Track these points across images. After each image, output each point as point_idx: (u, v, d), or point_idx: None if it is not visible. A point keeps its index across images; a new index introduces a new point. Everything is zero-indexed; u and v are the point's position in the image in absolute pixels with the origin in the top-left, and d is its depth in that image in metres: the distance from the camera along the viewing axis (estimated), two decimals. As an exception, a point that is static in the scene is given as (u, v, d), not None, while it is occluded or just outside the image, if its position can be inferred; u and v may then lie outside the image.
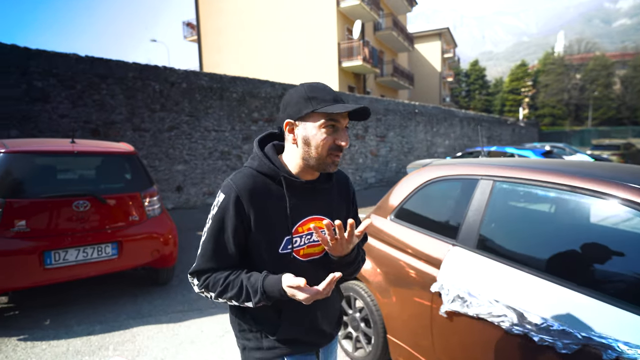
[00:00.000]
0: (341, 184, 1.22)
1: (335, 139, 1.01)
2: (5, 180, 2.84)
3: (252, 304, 1.00)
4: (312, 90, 1.02)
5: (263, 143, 1.15)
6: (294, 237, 1.06)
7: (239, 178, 1.05)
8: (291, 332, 1.10)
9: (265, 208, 1.04)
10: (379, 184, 12.79)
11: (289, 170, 1.08)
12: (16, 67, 5.67)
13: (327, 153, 1.02)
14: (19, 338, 2.78)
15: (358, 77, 19.23)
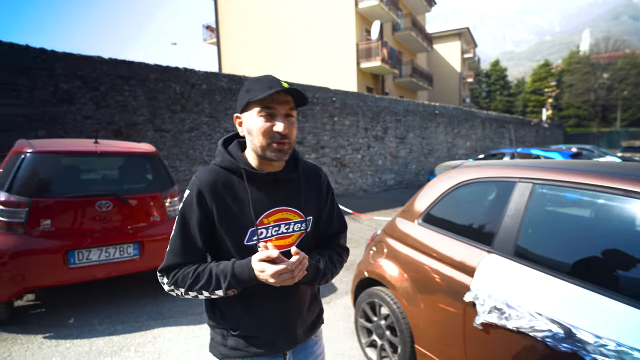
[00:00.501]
0: (311, 175, 1.21)
1: (272, 125, 1.01)
2: (32, 180, 2.87)
3: (222, 291, 1.00)
4: (252, 82, 1.05)
5: (229, 142, 1.17)
6: (258, 229, 1.06)
7: (202, 174, 1.07)
8: (255, 330, 1.08)
9: (227, 201, 1.05)
10: (399, 185, 12.60)
11: (250, 164, 1.09)
12: (44, 69, 5.82)
13: (267, 141, 1.02)
14: (44, 336, 2.81)
15: (376, 78, 19.06)
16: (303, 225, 1.13)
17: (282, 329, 1.11)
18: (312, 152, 9.79)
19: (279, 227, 1.09)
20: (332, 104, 10.22)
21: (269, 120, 1.02)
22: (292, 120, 1.05)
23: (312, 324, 1.22)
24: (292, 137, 1.05)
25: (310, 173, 1.21)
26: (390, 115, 12.12)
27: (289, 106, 1.04)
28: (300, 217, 1.13)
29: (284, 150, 1.04)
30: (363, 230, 6.54)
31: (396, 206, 9.10)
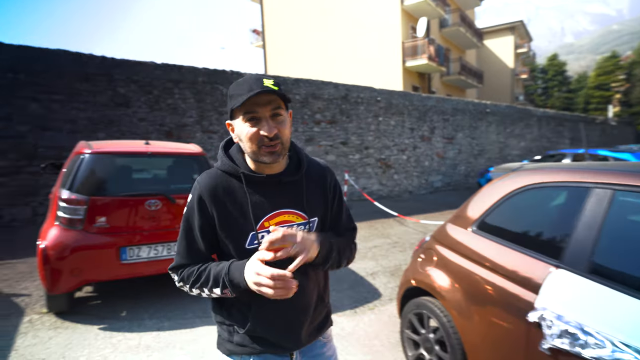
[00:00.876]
0: (316, 174, 1.17)
1: (258, 130, 0.99)
2: (90, 179, 3.03)
3: (218, 290, 1.01)
4: (233, 87, 1.02)
5: (231, 144, 1.16)
6: (259, 233, 1.05)
7: (203, 178, 1.08)
8: (259, 331, 1.08)
9: (227, 206, 1.05)
10: (446, 188, 12.10)
11: (250, 167, 1.08)
12: (104, 75, 6.22)
13: (257, 146, 1.00)
14: (99, 327, 2.95)
15: (422, 77, 18.47)
16: (306, 228, 1.11)
17: (287, 330, 1.10)
18: (355, 152, 9.65)
19: None
20: (376, 104, 10.02)
21: (255, 125, 1.00)
22: (281, 119, 1.01)
23: (319, 326, 1.19)
24: (283, 136, 1.02)
25: (315, 173, 1.17)
26: (438, 115, 11.66)
27: (272, 106, 1.00)
28: (303, 219, 1.11)
29: (276, 152, 1.01)
30: (409, 234, 6.31)
31: (443, 209, 8.72)
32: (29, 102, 5.69)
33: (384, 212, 7.59)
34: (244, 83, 1.00)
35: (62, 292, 2.91)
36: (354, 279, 4.24)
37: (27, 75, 5.66)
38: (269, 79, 1.01)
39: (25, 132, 5.67)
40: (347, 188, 8.93)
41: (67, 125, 5.94)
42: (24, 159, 5.66)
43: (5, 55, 5.53)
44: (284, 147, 1.03)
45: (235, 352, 1.10)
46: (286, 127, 1.03)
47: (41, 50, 5.76)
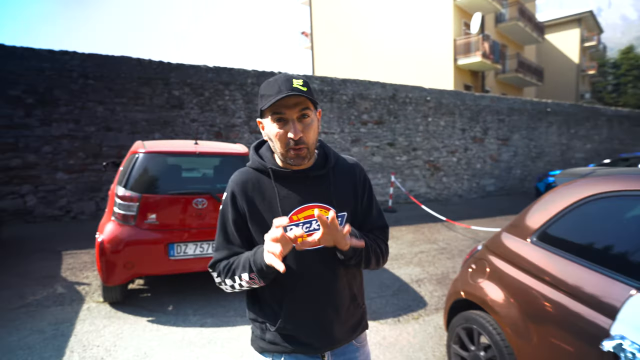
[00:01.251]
0: (345, 170, 1.18)
1: (286, 131, 1.00)
2: (142, 177, 3.18)
3: (246, 274, 1.02)
4: (264, 87, 1.03)
5: (263, 144, 1.20)
6: (288, 226, 1.06)
7: (235, 176, 1.13)
8: (290, 329, 1.08)
9: (257, 201, 1.08)
10: (499, 192, 11.39)
11: (278, 164, 1.11)
12: (161, 79, 6.57)
13: (285, 147, 1.02)
14: (148, 319, 3.08)
15: (476, 75, 17.58)
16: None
17: (318, 330, 1.09)
18: (403, 154, 9.39)
19: (310, 224, 1.09)
20: (426, 104, 9.66)
21: (282, 126, 1.01)
22: (308, 122, 1.02)
23: (352, 327, 1.17)
24: (308, 140, 1.03)
25: (344, 168, 1.19)
26: (492, 115, 11.00)
27: (299, 107, 1.00)
28: None
29: (301, 156, 1.03)
30: (458, 240, 5.99)
31: (496, 215, 8.19)
32: (96, 105, 6.16)
33: (431, 216, 7.29)
34: (274, 83, 1.01)
35: (116, 284, 3.08)
36: (398, 285, 4.08)
37: (96, 80, 6.14)
38: (298, 79, 1.02)
39: (92, 132, 6.15)
40: (393, 190, 8.69)
41: (127, 126, 6.35)
42: (90, 158, 6.14)
43: (77, 61, 6.03)
44: (309, 151, 1.05)
45: (267, 350, 1.12)
46: (312, 130, 1.04)
47: (107, 57, 6.21)
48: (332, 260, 1.08)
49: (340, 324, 1.12)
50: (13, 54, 5.69)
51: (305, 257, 1.06)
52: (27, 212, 5.83)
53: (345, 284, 1.13)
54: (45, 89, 5.83)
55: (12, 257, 4.40)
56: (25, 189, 5.81)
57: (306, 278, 1.07)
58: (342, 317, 1.12)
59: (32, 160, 5.82)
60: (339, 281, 1.10)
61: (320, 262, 1.08)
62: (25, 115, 5.75)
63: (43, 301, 3.33)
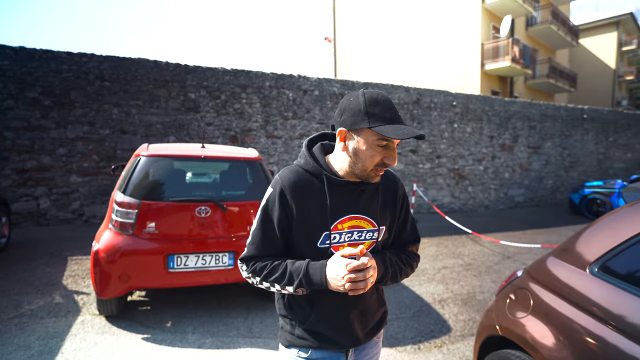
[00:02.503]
0: (390, 184, 1.21)
1: (384, 157, 1.03)
2: (142, 182, 2.96)
3: (292, 288, 1.05)
4: (372, 104, 1.02)
5: (313, 143, 1.19)
6: (332, 233, 1.09)
7: (285, 174, 1.11)
8: (319, 327, 1.13)
9: (306, 203, 1.09)
10: (529, 203, 10.71)
11: (334, 171, 1.12)
12: (177, 81, 6.46)
13: (372, 168, 1.04)
14: (143, 337, 2.84)
15: (504, 81, 16.87)
16: (375, 234, 1.15)
17: (346, 329, 1.14)
18: (426, 161, 8.94)
19: (352, 234, 1.11)
20: (451, 109, 9.20)
21: (382, 151, 1.03)
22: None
23: (376, 326, 1.23)
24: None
25: (389, 183, 1.21)
26: (522, 121, 10.40)
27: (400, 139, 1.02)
28: (373, 227, 1.14)
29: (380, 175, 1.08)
30: (485, 255, 5.52)
31: (526, 228, 7.62)
32: (112, 108, 6.09)
33: (455, 228, 6.82)
34: (386, 107, 1.02)
35: (110, 297, 2.85)
36: (419, 305, 3.70)
37: (112, 82, 6.07)
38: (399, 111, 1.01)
39: (106, 135, 6.07)
40: (415, 199, 8.26)
41: (142, 129, 6.25)
42: (104, 161, 6.06)
43: (94, 63, 5.99)
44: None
45: (295, 344, 1.15)
46: None
47: (124, 59, 6.14)
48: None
49: (366, 325, 1.18)
50: (33, 56, 5.69)
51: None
52: (40, 215, 5.79)
53: (373, 289, 1.19)
54: (61, 90, 5.80)
55: (19, 261, 4.30)
56: (39, 191, 5.77)
57: None
58: (368, 319, 1.18)
59: (47, 163, 5.78)
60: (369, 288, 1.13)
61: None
62: (41, 117, 5.73)
63: (37, 312, 3.15)
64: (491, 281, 4.46)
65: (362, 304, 1.15)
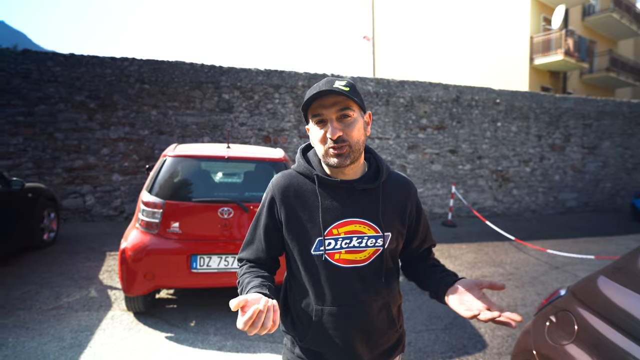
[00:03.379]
0: (396, 187, 1.11)
1: (325, 131, 0.98)
2: (167, 182, 2.99)
3: None
4: (309, 90, 1.00)
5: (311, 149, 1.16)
6: (326, 239, 1.02)
7: (277, 179, 1.09)
8: (318, 345, 1.06)
9: (297, 207, 1.04)
10: (582, 208, 9.87)
11: (325, 171, 1.06)
12: (212, 82, 6.58)
13: (325, 148, 0.99)
14: (167, 335, 2.87)
15: (556, 76, 15.70)
16: (379, 241, 1.05)
17: (347, 350, 1.04)
18: (466, 162, 8.49)
19: (350, 240, 1.03)
20: (494, 107, 8.67)
21: (322, 127, 0.99)
22: (349, 121, 0.98)
23: (388, 351, 1.12)
24: (351, 138, 0.98)
25: (396, 186, 1.12)
26: (576, 119, 9.58)
27: (338, 107, 0.97)
28: (376, 232, 1.04)
29: (342, 154, 0.98)
30: (529, 265, 5.10)
31: (578, 236, 6.99)
32: (150, 109, 6.33)
33: (497, 234, 6.39)
34: (316, 86, 0.98)
35: (136, 294, 2.90)
36: (452, 317, 3.45)
37: (151, 84, 6.31)
38: (342, 80, 0.98)
39: (145, 136, 6.32)
40: (453, 202, 7.86)
41: (178, 129, 6.44)
42: (143, 160, 6.30)
43: (135, 67, 6.25)
44: (352, 149, 0.98)
45: None
46: (355, 129, 0.98)
47: (162, 62, 6.36)
48: (369, 284, 1.03)
49: (373, 347, 1.07)
50: (80, 62, 6.04)
51: (338, 276, 1.01)
52: (85, 211, 6.13)
53: (382, 306, 1.07)
54: (105, 93, 6.10)
55: (63, 254, 4.55)
56: (85, 189, 6.12)
57: (338, 297, 1.02)
58: (374, 340, 1.07)
59: (92, 162, 6.12)
60: (374, 304, 1.05)
61: (355, 283, 1.03)
62: (87, 118, 6.07)
63: (74, 304, 3.29)
64: (535, 294, 4.09)
65: (365, 322, 1.04)
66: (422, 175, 8.17)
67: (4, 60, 5.71)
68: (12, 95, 5.75)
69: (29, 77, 5.81)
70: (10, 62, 5.74)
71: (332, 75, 7.38)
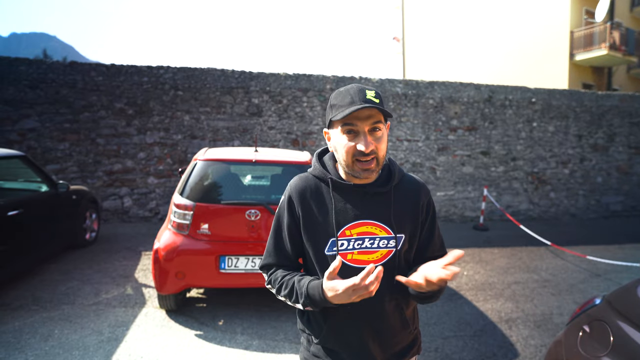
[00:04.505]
0: (409, 190, 1.14)
1: (356, 144, 0.99)
2: (198, 185, 3.11)
3: (301, 305, 1.02)
4: (335, 96, 1.02)
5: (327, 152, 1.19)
6: (339, 240, 1.04)
7: (294, 181, 1.12)
8: (332, 343, 1.08)
9: (313, 209, 1.07)
10: (628, 212, 9.25)
11: (339, 175, 1.09)
12: (242, 87, 6.76)
13: (352, 159, 1.00)
14: (196, 333, 2.97)
15: (599, 72, 14.84)
16: (392, 243, 1.07)
17: (360, 348, 1.06)
18: (499, 164, 8.20)
19: (363, 241, 1.06)
20: (530, 106, 8.32)
21: (352, 139, 0.99)
22: (379, 135, 1.00)
23: (401, 352, 1.13)
24: (379, 153, 1.01)
25: (408, 188, 1.14)
26: (621, 118, 9.01)
27: (372, 120, 0.98)
28: (388, 234, 1.07)
29: (370, 169, 1.01)
30: (567, 272, 4.85)
31: (624, 242, 6.56)
32: (184, 115, 6.59)
33: (532, 239, 6.12)
34: (346, 93, 0.99)
35: (169, 292, 3.03)
36: (482, 324, 3.35)
37: (184, 91, 6.57)
38: (371, 90, 0.99)
39: (179, 140, 6.58)
40: (485, 205, 7.61)
41: (210, 134, 6.66)
42: (176, 164, 6.56)
43: (170, 74, 6.53)
44: (378, 163, 1.02)
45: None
46: (383, 142, 1.01)
47: (195, 69, 6.60)
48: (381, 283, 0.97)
49: (386, 347, 1.09)
50: (120, 71, 6.39)
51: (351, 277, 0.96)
52: (123, 212, 6.46)
53: (395, 307, 1.08)
54: (142, 100, 6.41)
55: (102, 253, 4.82)
56: (124, 191, 6.45)
57: None
58: (388, 341, 1.09)
59: (130, 166, 6.44)
60: (387, 304, 1.06)
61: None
62: (126, 124, 6.40)
63: (112, 300, 3.48)
64: (573, 302, 3.89)
65: (378, 321, 1.06)
66: (452, 177, 7.97)
67: (54, 72, 6.14)
68: (60, 104, 6.18)
69: (75, 87, 6.21)
70: (59, 73, 6.16)
71: (360, 79, 7.37)
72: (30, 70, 6.05)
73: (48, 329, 2.92)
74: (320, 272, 1.07)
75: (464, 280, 4.45)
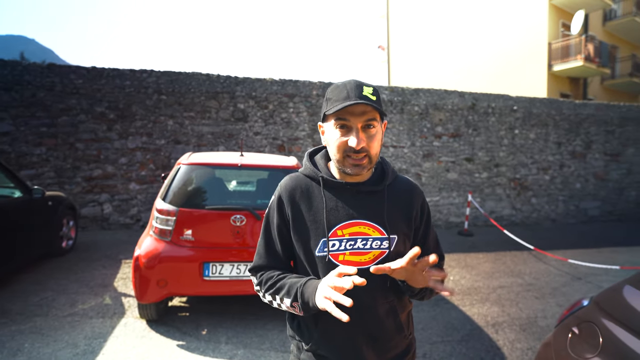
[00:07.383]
0: (402, 190, 1.11)
1: (348, 139, 0.97)
2: (180, 190, 3.02)
3: (289, 302, 0.99)
4: (331, 90, 1.00)
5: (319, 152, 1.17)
6: (330, 240, 1.01)
7: (285, 181, 1.10)
8: (324, 349, 1.04)
9: (303, 208, 1.05)
10: (606, 217, 9.52)
11: (331, 173, 1.07)
12: (227, 92, 6.69)
13: (343, 155, 0.99)
14: (178, 343, 2.86)
15: (575, 82, 15.37)
16: (384, 244, 1.03)
17: (352, 354, 1.03)
18: (483, 170, 8.33)
19: (355, 242, 1.03)
20: (511, 114, 8.52)
21: (345, 134, 0.98)
22: (373, 132, 0.98)
23: (396, 358, 1.09)
24: (371, 150, 0.99)
25: (401, 189, 1.12)
26: (597, 126, 9.32)
27: (366, 117, 0.96)
28: (381, 234, 1.04)
29: (361, 165, 0.99)
30: (550, 275, 4.92)
31: (602, 245, 6.73)
32: (167, 119, 6.46)
33: (515, 243, 6.21)
34: (343, 88, 0.97)
35: (149, 301, 2.91)
36: (469, 328, 3.35)
37: (168, 95, 6.45)
38: (369, 86, 0.97)
39: (162, 145, 6.44)
40: (470, 211, 7.70)
41: (194, 139, 6.54)
42: (159, 169, 6.42)
43: (153, 78, 6.41)
44: (370, 160, 1.00)
45: None
46: (376, 140, 0.99)
47: (179, 73, 6.50)
48: (373, 286, 0.97)
49: (380, 352, 1.06)
50: (101, 74, 6.23)
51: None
52: (103, 219, 6.26)
53: (388, 311, 1.05)
54: (124, 104, 6.27)
55: (80, 262, 4.64)
56: (104, 197, 6.25)
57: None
58: (381, 346, 1.05)
59: (110, 171, 6.26)
60: (380, 308, 1.03)
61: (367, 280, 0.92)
62: (107, 129, 6.23)
63: (89, 311, 3.33)
64: (557, 305, 3.93)
65: (372, 326, 1.03)
66: (437, 183, 8.05)
67: (30, 74, 5.95)
68: (37, 108, 5.97)
69: (53, 90, 6.02)
70: (37, 75, 5.97)
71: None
72: (5, 72, 5.84)
73: (17, 343, 2.76)
74: (312, 275, 1.04)
75: (450, 285, 4.45)
